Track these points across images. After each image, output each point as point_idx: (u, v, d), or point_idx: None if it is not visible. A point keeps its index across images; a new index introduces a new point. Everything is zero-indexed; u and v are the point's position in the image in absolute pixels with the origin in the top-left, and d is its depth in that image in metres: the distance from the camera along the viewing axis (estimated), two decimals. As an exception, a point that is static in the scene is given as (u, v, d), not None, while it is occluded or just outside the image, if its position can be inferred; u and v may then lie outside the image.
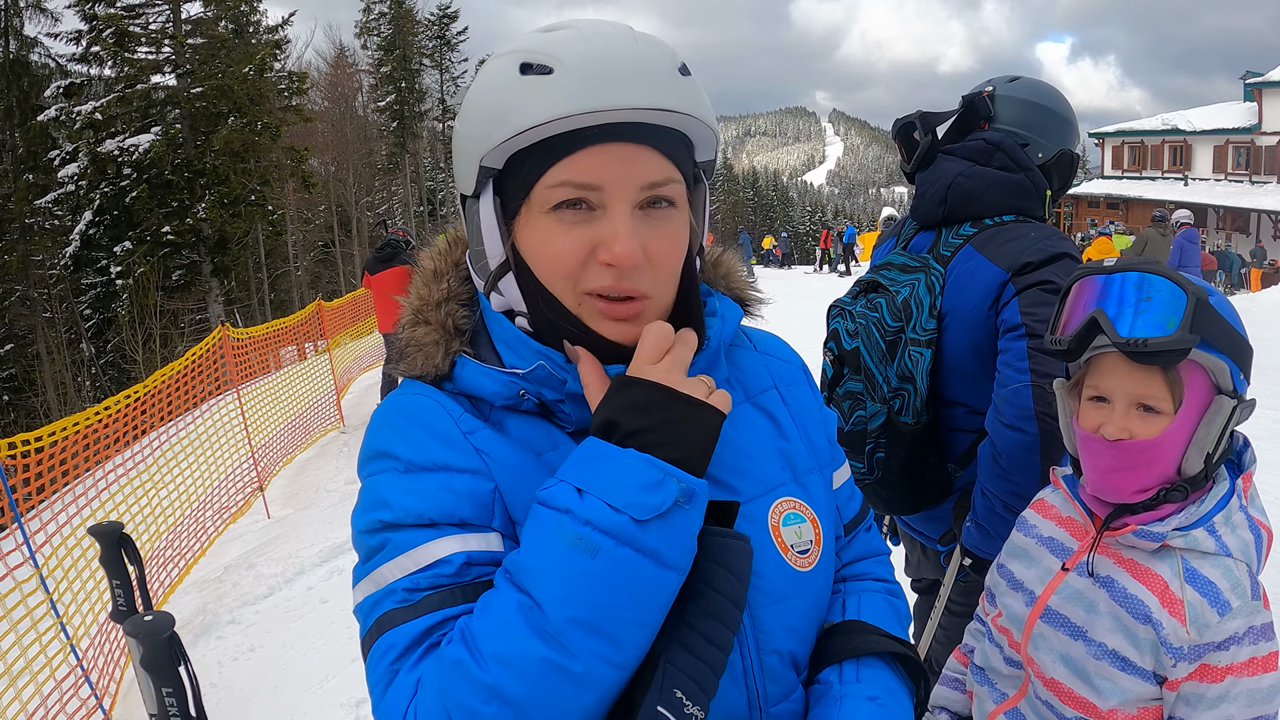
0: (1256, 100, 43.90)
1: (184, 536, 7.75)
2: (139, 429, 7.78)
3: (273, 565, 7.24)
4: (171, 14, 31.34)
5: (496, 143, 1.23)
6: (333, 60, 49.61)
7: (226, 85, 30.79)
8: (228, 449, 9.54)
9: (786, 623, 1.38)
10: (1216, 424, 1.76)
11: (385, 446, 1.30)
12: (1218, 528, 1.79)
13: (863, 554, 1.64)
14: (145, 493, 7.36)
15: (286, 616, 6.34)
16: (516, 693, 1.06)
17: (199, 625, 6.36)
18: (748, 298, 1.58)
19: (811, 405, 1.60)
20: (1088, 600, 1.89)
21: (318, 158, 41.71)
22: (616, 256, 1.21)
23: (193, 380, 9.19)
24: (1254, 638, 1.72)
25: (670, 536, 1.12)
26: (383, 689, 1.16)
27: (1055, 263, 2.59)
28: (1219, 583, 1.74)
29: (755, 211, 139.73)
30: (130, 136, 29.92)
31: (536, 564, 1.11)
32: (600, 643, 1.08)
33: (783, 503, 1.43)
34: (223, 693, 5.38)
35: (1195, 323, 1.69)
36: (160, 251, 30.32)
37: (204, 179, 30.71)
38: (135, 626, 2.12)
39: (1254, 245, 39.76)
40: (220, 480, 9.09)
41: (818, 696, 1.40)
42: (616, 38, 1.24)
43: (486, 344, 1.37)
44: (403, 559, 1.21)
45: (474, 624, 1.12)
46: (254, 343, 12.59)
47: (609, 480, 1.12)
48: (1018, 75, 2.96)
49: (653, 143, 1.24)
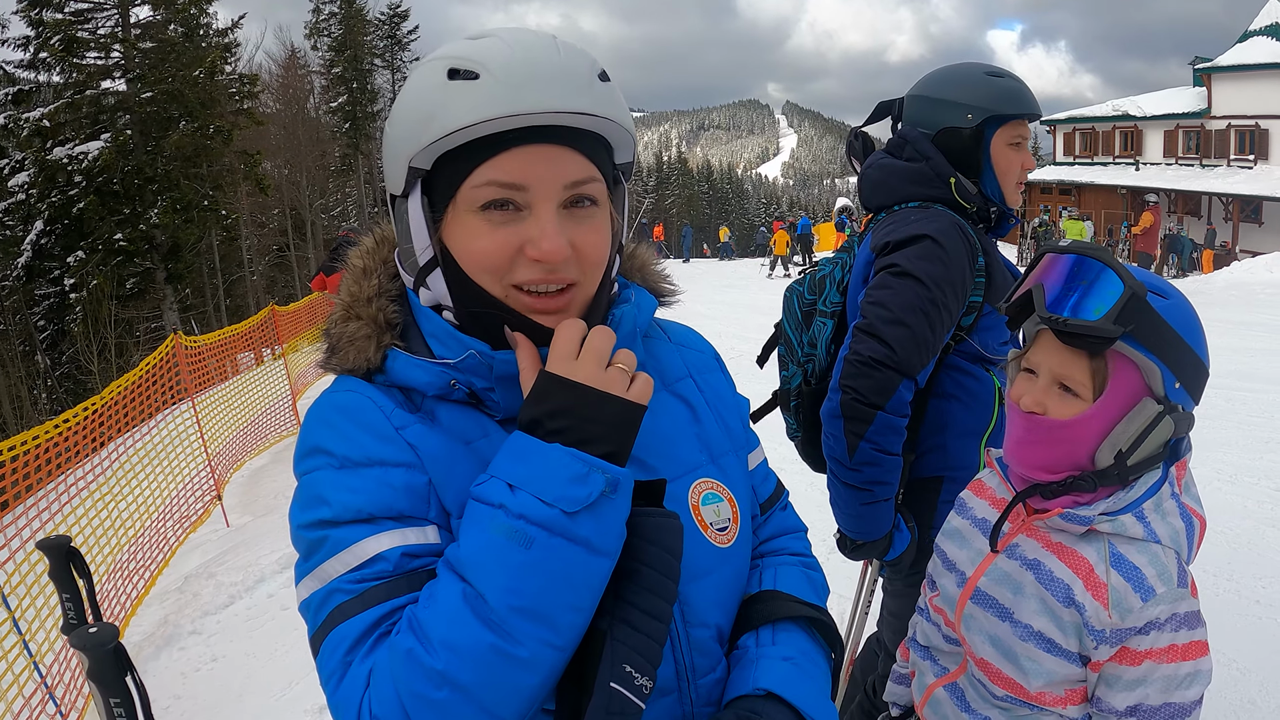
0: (1206, 85, 44.39)
1: (146, 548, 7.68)
2: (97, 441, 7.72)
3: (233, 574, 7.19)
4: (120, 18, 30.95)
5: (424, 144, 1.29)
6: (284, 62, 49.26)
7: (177, 90, 30.45)
8: (185, 458, 9.46)
9: (710, 597, 1.46)
10: (1136, 424, 1.77)
11: (320, 443, 1.33)
12: (1147, 514, 1.81)
13: (779, 530, 1.73)
14: (106, 505, 7.30)
15: (248, 625, 6.31)
16: (466, 679, 1.12)
17: (161, 637, 6.32)
18: (662, 289, 1.66)
19: (725, 391, 1.69)
20: (1015, 582, 1.92)
21: (270, 161, 41.34)
22: (544, 253, 1.28)
23: (149, 390, 9.10)
24: (1175, 625, 1.75)
25: (599, 525, 1.19)
26: (336, 682, 1.20)
27: (909, 246, 2.68)
28: (1144, 569, 1.77)
29: (710, 205, 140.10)
30: (80, 144, 29.48)
31: (476, 557, 1.17)
32: (541, 628, 1.15)
33: (701, 483, 1.51)
34: (187, 704, 5.36)
35: (1124, 315, 1.70)
36: (113, 260, 29.94)
37: (155, 185, 30.36)
38: (80, 639, 2.14)
39: (1205, 228, 40.33)
40: (179, 490, 9.01)
41: (735, 660, 1.49)
42: (539, 46, 1.30)
43: (417, 337, 1.42)
44: (344, 555, 1.25)
45: (421, 613, 1.17)
46: (209, 350, 12.51)
47: (538, 475, 1.18)
48: (966, 63, 3.02)
49: (573, 144, 1.32)
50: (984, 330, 2.78)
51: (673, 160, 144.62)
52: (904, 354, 2.57)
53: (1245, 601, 5.52)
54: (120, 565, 7.04)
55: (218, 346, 13.18)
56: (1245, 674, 4.67)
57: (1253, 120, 42.17)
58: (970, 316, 2.75)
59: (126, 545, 7.36)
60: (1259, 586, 5.69)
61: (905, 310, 2.59)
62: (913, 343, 2.58)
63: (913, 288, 2.61)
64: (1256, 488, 7.41)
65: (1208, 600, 5.44)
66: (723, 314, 19.44)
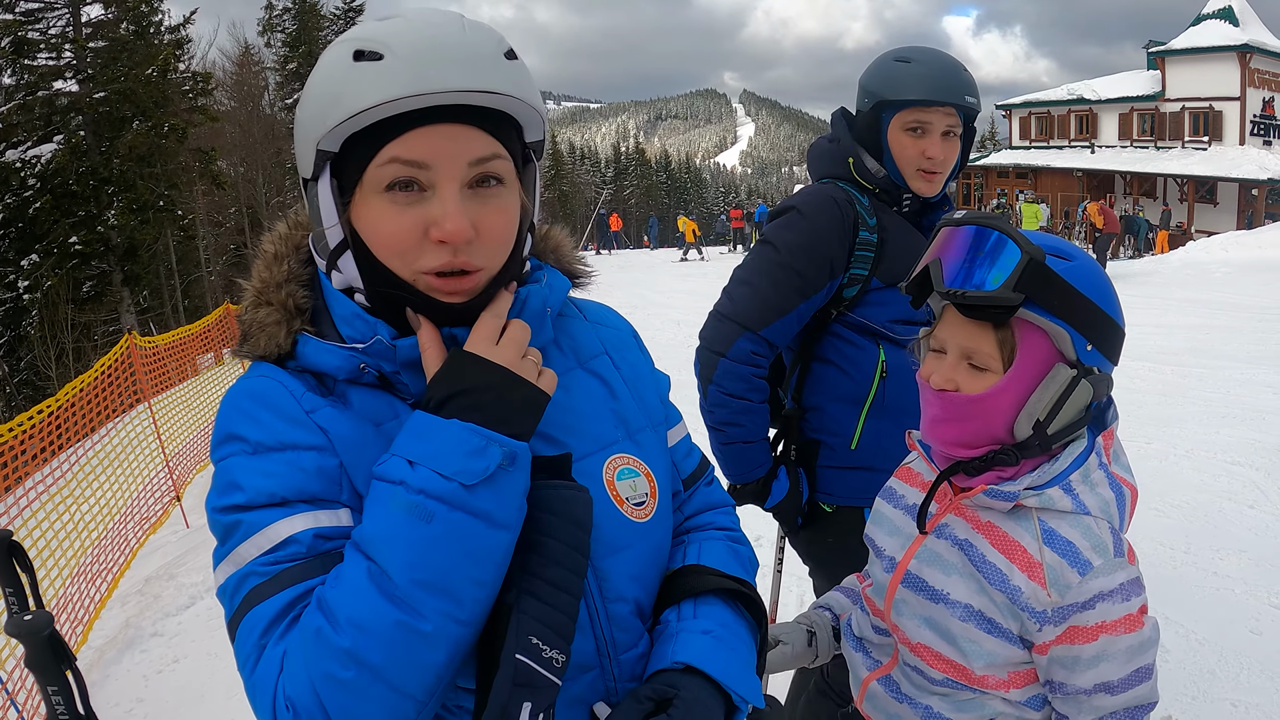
0: (1160, 68, 44.90)
1: (109, 550, 7.62)
2: (56, 444, 7.67)
3: (193, 574, 7.14)
4: (71, 17, 30.51)
5: (330, 126, 1.29)
6: (237, 59, 48.71)
7: (130, 89, 30.02)
8: (143, 459, 9.40)
9: (628, 571, 1.47)
10: (1050, 391, 1.73)
11: (233, 429, 1.34)
12: (1075, 486, 1.78)
13: (704, 506, 1.74)
14: (68, 508, 7.25)
15: (209, 625, 6.25)
16: (373, 657, 1.14)
17: (123, 640, 6.26)
18: (576, 271, 1.67)
19: (643, 367, 1.69)
20: (946, 562, 1.89)
21: (226, 159, 40.94)
22: (447, 233, 1.28)
23: (106, 392, 9.02)
24: (1124, 594, 1.71)
25: (498, 498, 1.21)
26: (252, 666, 1.21)
27: (778, 216, 2.90)
28: (1078, 542, 1.74)
29: (669, 194, 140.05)
30: (32, 146, 29.07)
31: (379, 533, 1.19)
32: (444, 601, 1.17)
33: (617, 459, 1.51)
34: (150, 706, 5.32)
35: (1023, 282, 1.67)
36: (69, 263, 29.50)
37: (110, 186, 29.92)
38: (15, 627, 2.15)
39: (1161, 209, 40.79)
40: (138, 491, 8.94)
41: (656, 635, 1.50)
42: (444, 25, 1.31)
43: (328, 322, 1.43)
44: (258, 538, 1.26)
45: (328, 593, 1.18)
46: (167, 351, 12.40)
47: (437, 450, 1.21)
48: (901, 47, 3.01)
49: (478, 123, 1.32)
50: (873, 305, 2.83)
51: (630, 151, 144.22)
52: (744, 308, 2.81)
53: (1202, 574, 5.61)
54: (84, 569, 6.99)
55: (175, 347, 13.08)
56: (1203, 644, 4.75)
57: (1206, 102, 42.76)
58: (854, 288, 2.81)
59: (89, 549, 7.31)
60: (1216, 559, 5.78)
61: (752, 272, 2.87)
62: (754, 299, 2.81)
63: (766, 252, 2.86)
64: (1212, 462, 7.53)
65: (1165, 573, 5.54)
66: (681, 303, 19.44)
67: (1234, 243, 26.66)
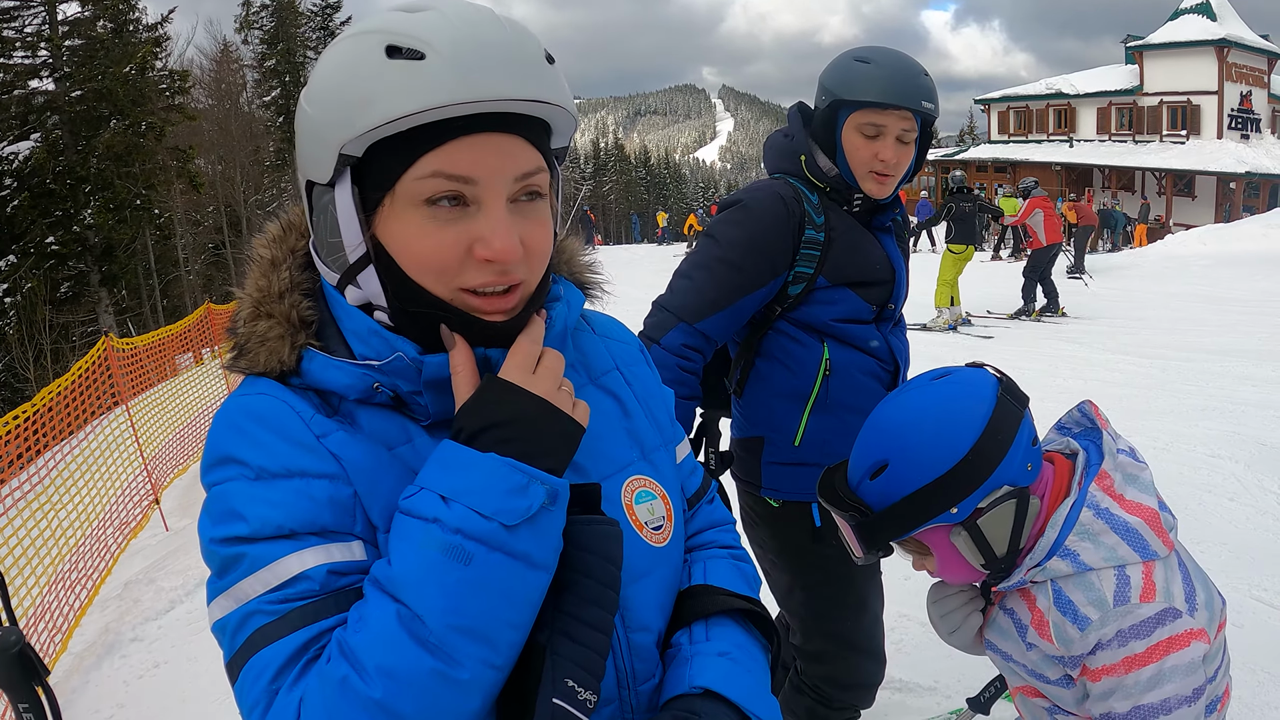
0: (1138, 63, 45.18)
1: (87, 557, 7.54)
2: (35, 449, 7.57)
3: (173, 578, 7.04)
4: (48, 15, 30.31)
5: (361, 130, 1.16)
6: (215, 57, 48.47)
7: (107, 87, 29.88)
8: (122, 463, 9.30)
9: (650, 599, 1.41)
10: (969, 546, 1.96)
11: (232, 452, 1.21)
12: (1073, 547, 1.92)
13: (707, 524, 1.67)
14: (46, 515, 7.16)
15: (190, 629, 6.18)
16: (406, 707, 1.05)
17: (103, 645, 6.19)
18: (588, 280, 1.57)
19: (652, 383, 1.62)
20: (1002, 629, 2.14)
21: (204, 158, 40.73)
22: (497, 253, 1.19)
23: (83, 395, 8.94)
24: (1122, 640, 1.85)
25: (539, 538, 1.13)
26: (262, 711, 1.11)
27: (723, 211, 2.90)
28: (1078, 599, 1.91)
29: (648, 190, 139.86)
30: (9, 145, 28.90)
31: (410, 574, 1.09)
32: (482, 648, 1.09)
33: (634, 481, 1.44)
34: (130, 712, 5.26)
35: (870, 540, 2.01)
36: (46, 263, 29.35)
37: (88, 185, 29.79)
38: None
39: (1139, 203, 40.99)
40: (117, 496, 8.86)
41: (670, 658, 1.42)
42: (484, 24, 1.19)
43: (334, 335, 1.31)
44: (263, 573, 1.15)
45: (353, 639, 1.09)
46: (145, 352, 12.30)
47: (473, 486, 1.12)
48: (864, 46, 2.99)
49: (521, 132, 1.22)
50: (819, 303, 2.81)
51: (610, 147, 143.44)
52: (680, 300, 2.79)
53: (1182, 568, 5.60)
54: (62, 576, 6.91)
55: (153, 348, 12.98)
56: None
57: (1184, 96, 43.00)
58: (799, 286, 2.80)
59: (68, 555, 7.23)
60: (1196, 550, 5.69)
61: (692, 265, 2.85)
62: (691, 292, 2.79)
63: (707, 246, 2.85)
64: (1191, 454, 7.53)
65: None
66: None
67: (1211, 236, 26.80)
